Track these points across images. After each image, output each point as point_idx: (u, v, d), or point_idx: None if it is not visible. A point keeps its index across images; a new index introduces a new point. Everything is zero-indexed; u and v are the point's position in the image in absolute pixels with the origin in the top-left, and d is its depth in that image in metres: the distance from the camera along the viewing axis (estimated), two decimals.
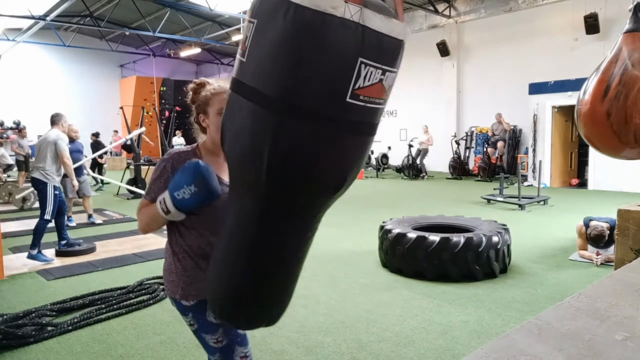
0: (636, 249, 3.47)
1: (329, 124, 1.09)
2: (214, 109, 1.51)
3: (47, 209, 4.74)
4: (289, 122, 1.07)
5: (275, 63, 1.06)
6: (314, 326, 3.11)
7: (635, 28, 4.25)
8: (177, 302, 1.56)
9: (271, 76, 1.07)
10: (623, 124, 4.08)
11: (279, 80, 1.06)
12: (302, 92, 1.05)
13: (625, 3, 3.81)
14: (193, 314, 1.53)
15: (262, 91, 1.08)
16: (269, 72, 1.07)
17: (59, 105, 18.59)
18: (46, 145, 4.83)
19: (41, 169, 4.75)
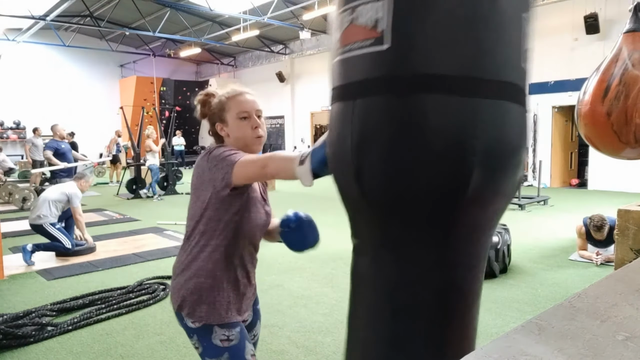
0: (636, 249, 3.47)
1: (517, 94, 0.96)
2: (232, 113, 1.39)
3: (62, 240, 4.75)
4: (484, 102, 0.92)
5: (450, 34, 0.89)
6: (314, 326, 3.11)
7: (635, 28, 4.25)
8: (181, 320, 1.43)
9: (449, 51, 0.89)
10: (623, 124, 4.08)
11: (460, 55, 0.89)
12: (487, 63, 0.91)
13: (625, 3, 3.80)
14: (198, 336, 1.40)
15: (443, 74, 0.89)
16: (446, 47, 0.89)
17: (59, 105, 18.63)
18: (56, 194, 4.81)
19: (38, 218, 4.69)
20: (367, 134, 0.97)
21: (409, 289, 1.04)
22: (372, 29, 0.92)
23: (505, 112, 0.96)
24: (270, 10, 12.91)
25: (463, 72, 0.91)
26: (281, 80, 18.12)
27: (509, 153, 0.98)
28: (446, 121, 0.91)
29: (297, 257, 4.84)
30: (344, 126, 1.02)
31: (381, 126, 0.95)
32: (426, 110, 0.91)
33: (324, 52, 16.76)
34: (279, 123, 19.10)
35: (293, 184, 1.49)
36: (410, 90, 0.91)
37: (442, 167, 0.92)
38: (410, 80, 0.91)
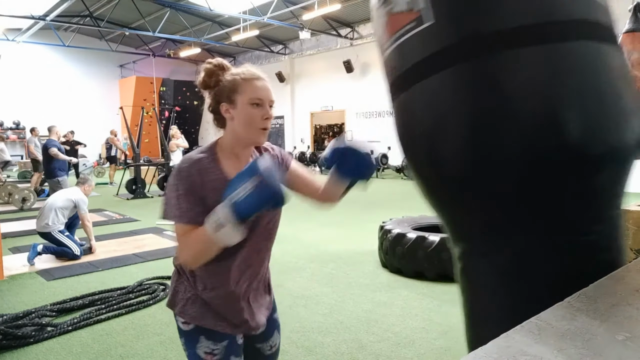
0: (636, 249, 3.47)
1: (600, 31, 0.85)
2: (245, 97, 1.24)
3: (71, 247, 4.79)
4: (561, 46, 0.81)
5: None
6: (314, 326, 3.11)
7: (634, 28, 4.26)
8: (175, 317, 1.37)
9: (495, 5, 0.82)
10: None
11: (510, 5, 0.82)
12: (549, 4, 0.82)
13: (625, 3, 3.82)
14: (185, 340, 1.35)
15: (498, 30, 0.81)
16: None
17: (58, 105, 18.62)
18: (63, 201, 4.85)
19: (46, 227, 4.74)
20: (441, 114, 0.89)
21: (529, 282, 0.93)
22: (409, 12, 0.88)
23: (590, 52, 0.86)
24: (270, 10, 12.91)
25: (522, 21, 0.83)
26: (281, 80, 18.12)
27: (607, 96, 0.86)
28: (523, 76, 0.83)
29: (297, 257, 4.84)
30: (412, 115, 0.95)
31: (455, 102, 0.88)
32: (501, 69, 0.84)
33: (324, 52, 16.76)
34: (278, 123, 19.09)
35: None
36: (478, 52, 0.85)
37: (531, 127, 0.83)
38: (473, 43, 0.84)
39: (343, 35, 15.54)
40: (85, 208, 4.92)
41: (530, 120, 0.84)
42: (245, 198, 1.06)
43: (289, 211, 1.62)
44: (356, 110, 15.79)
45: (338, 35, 15.43)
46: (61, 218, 4.80)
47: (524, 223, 0.91)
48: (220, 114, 1.29)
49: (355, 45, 15.60)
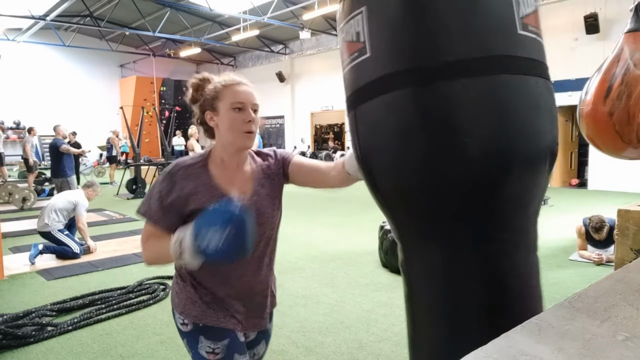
0: (636, 249, 3.47)
1: (509, 64, 0.91)
2: (226, 102, 1.26)
3: (71, 246, 4.82)
4: (467, 81, 0.90)
5: (409, 29, 0.92)
6: (314, 326, 3.11)
7: (636, 28, 4.25)
8: (175, 318, 1.38)
9: (421, 44, 0.92)
10: (625, 124, 4.08)
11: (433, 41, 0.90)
12: (467, 43, 0.90)
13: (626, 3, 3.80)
14: (187, 341, 1.35)
15: (421, 66, 0.91)
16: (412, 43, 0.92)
17: (59, 105, 18.63)
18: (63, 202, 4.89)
19: (46, 226, 4.76)
20: (371, 141, 1.03)
21: (461, 280, 1.03)
22: (356, 42, 1.00)
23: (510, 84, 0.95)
24: (270, 10, 12.91)
25: (445, 58, 0.92)
26: (281, 80, 18.13)
27: (523, 119, 0.96)
28: (431, 109, 0.94)
29: (297, 257, 4.84)
30: (352, 135, 1.10)
31: (381, 128, 1.00)
32: (417, 102, 0.95)
33: (324, 52, 16.76)
34: (278, 123, 19.09)
35: (291, 184, 1.44)
36: (394, 86, 0.96)
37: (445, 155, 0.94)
38: (392, 78, 0.96)
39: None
40: (82, 211, 4.94)
41: (437, 148, 0.95)
42: (212, 245, 1.07)
43: (289, 211, 1.62)
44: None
45: None
46: (60, 218, 4.82)
47: (451, 232, 1.03)
48: (207, 124, 1.31)
49: None
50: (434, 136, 0.94)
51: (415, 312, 1.14)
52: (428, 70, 0.91)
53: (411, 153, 0.96)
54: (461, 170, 0.94)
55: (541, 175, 1.01)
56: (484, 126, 0.92)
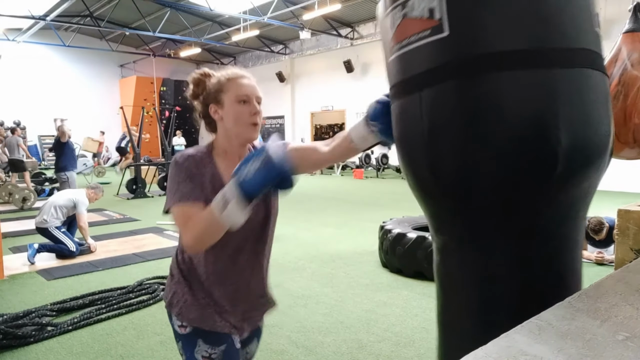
0: (636, 249, 3.47)
1: (595, 60, 0.90)
2: (231, 95, 1.26)
3: (67, 244, 4.82)
4: (559, 72, 0.88)
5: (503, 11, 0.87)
6: (314, 326, 3.11)
7: (635, 28, 4.25)
8: (170, 319, 1.36)
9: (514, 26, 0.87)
10: (622, 124, 4.08)
11: (526, 28, 0.86)
12: (555, 32, 0.87)
13: (625, 3, 3.81)
14: (183, 344, 1.33)
15: (512, 49, 0.87)
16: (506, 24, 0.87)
17: (59, 105, 18.62)
18: (64, 200, 4.89)
19: (44, 222, 4.77)
20: (439, 124, 0.94)
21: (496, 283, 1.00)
22: (429, 19, 0.91)
23: (585, 79, 0.93)
24: (270, 10, 12.91)
25: (532, 45, 0.88)
26: (281, 80, 18.12)
27: (594, 121, 0.94)
28: (523, 97, 0.88)
29: (297, 257, 4.84)
30: (412, 120, 1.00)
31: (454, 113, 0.93)
32: (500, 88, 0.89)
33: (324, 52, 16.76)
34: (278, 123, 19.09)
35: None
36: (480, 70, 0.89)
37: (525, 146, 0.89)
38: (479, 61, 0.89)
39: (343, 35, 15.54)
40: (83, 209, 4.94)
41: (518, 138, 0.90)
42: (253, 175, 1.05)
43: (289, 211, 1.62)
44: (356, 110, 15.79)
45: (338, 35, 15.44)
46: (59, 215, 4.82)
47: (502, 229, 0.98)
48: (210, 117, 1.31)
49: (355, 45, 15.60)
50: (514, 125, 0.89)
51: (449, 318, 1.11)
52: (521, 55, 0.86)
53: (489, 141, 0.90)
54: (539, 164, 0.89)
55: (601, 172, 0.98)
56: (573, 119, 0.90)
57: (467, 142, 0.92)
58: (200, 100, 1.33)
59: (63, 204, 4.86)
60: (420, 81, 0.96)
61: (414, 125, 1.00)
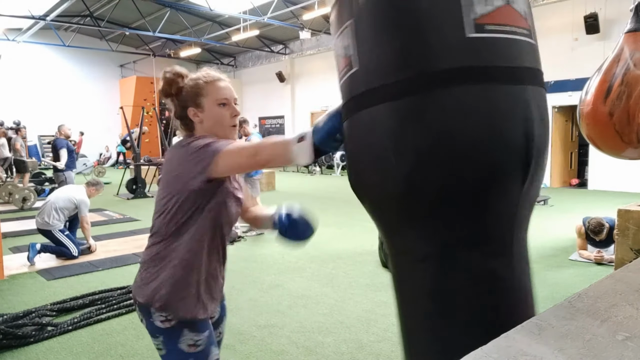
0: (636, 249, 3.47)
1: (461, 76, 0.88)
2: (212, 99, 1.31)
3: (69, 247, 4.81)
4: (426, 97, 0.90)
5: (383, 43, 0.92)
6: (314, 326, 3.11)
7: (636, 28, 4.25)
8: (148, 317, 1.37)
9: (386, 60, 0.92)
10: (625, 124, 4.08)
11: (393, 59, 0.91)
12: (423, 52, 0.89)
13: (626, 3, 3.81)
14: (164, 338, 1.34)
15: (387, 83, 0.92)
16: (382, 58, 0.92)
17: (58, 105, 18.62)
18: (64, 201, 4.87)
19: (46, 224, 4.76)
20: (361, 149, 1.03)
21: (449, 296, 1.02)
22: (345, 57, 1.00)
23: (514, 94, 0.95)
24: (270, 10, 12.91)
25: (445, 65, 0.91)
26: (281, 80, 18.12)
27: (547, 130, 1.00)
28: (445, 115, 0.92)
29: (297, 257, 4.84)
30: (350, 139, 1.09)
31: (378, 134, 0.99)
32: (417, 107, 0.93)
33: (324, 52, 16.76)
34: (279, 123, 19.09)
35: (292, 185, 1.46)
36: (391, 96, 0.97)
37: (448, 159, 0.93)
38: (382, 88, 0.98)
39: None
40: (86, 211, 4.93)
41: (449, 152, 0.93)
42: (323, 124, 1.16)
43: None
44: None
45: None
46: (61, 217, 4.81)
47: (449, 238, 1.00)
48: (187, 118, 1.35)
49: None
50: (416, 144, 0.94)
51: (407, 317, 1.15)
52: (400, 85, 0.91)
53: (399, 160, 0.96)
54: (449, 178, 0.93)
55: (510, 184, 0.96)
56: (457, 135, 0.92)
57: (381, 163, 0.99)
58: (176, 101, 1.37)
59: (64, 205, 4.83)
60: (352, 106, 1.05)
61: (350, 144, 1.10)
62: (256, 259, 4.85)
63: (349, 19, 0.98)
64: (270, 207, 1.56)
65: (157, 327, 1.33)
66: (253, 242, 5.59)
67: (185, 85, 1.34)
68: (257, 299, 3.61)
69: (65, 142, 7.35)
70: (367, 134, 1.00)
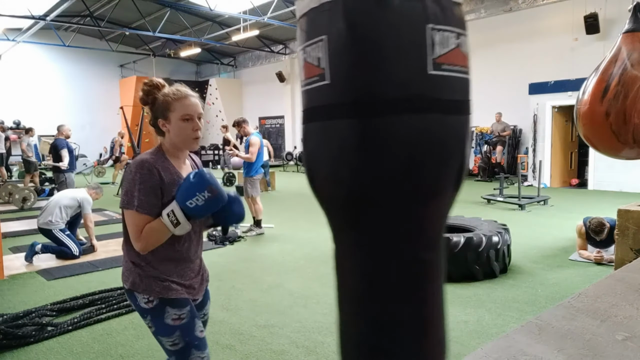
0: (636, 249, 3.47)
1: (421, 105, 0.99)
2: (177, 114, 1.52)
3: (70, 247, 4.82)
4: (374, 121, 0.99)
5: (344, 63, 1.00)
6: (314, 326, 3.11)
7: (634, 28, 4.25)
8: (134, 300, 1.57)
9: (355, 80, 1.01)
10: (622, 124, 4.08)
11: (352, 79, 1.00)
12: (378, 80, 0.98)
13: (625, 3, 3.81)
14: (151, 317, 1.56)
15: (340, 101, 1.02)
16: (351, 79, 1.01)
17: (59, 105, 18.63)
18: (68, 199, 4.90)
19: (49, 223, 4.77)
20: (316, 154, 1.12)
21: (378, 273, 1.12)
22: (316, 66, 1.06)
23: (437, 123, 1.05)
24: (270, 10, 12.91)
25: (396, 94, 0.99)
26: (281, 80, 18.11)
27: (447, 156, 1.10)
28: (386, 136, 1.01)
29: (297, 257, 4.83)
30: (306, 144, 1.18)
31: (325, 146, 1.08)
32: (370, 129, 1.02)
33: None
34: (279, 123, 19.08)
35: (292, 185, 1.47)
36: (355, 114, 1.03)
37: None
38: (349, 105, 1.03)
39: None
40: (89, 208, 4.96)
41: None
42: (202, 205, 1.43)
43: (289, 212, 1.64)
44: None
45: None
46: (64, 216, 4.82)
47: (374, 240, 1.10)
48: (158, 127, 1.57)
49: None
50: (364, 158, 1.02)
51: None
52: (364, 105, 0.99)
53: (344, 169, 1.06)
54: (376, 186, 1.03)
55: (446, 197, 1.10)
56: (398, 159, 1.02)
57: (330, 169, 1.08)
58: (149, 110, 1.58)
59: (68, 204, 4.86)
60: (306, 117, 1.13)
61: (306, 148, 1.17)
62: (256, 259, 4.84)
63: (323, 35, 1.05)
64: None
65: (143, 307, 1.56)
66: (253, 242, 5.59)
67: (158, 98, 1.54)
68: (257, 299, 3.61)
69: (65, 142, 7.35)
70: (322, 143, 1.09)
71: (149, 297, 1.53)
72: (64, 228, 4.84)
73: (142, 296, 1.54)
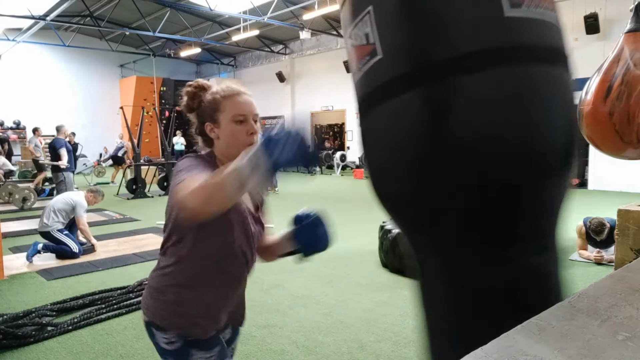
0: (636, 249, 3.47)
1: (498, 57, 0.81)
2: (228, 115, 1.23)
3: (69, 245, 4.83)
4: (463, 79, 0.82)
5: (394, 24, 0.87)
6: (314, 326, 3.11)
7: (636, 28, 4.25)
8: (152, 336, 1.28)
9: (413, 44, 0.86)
10: (625, 124, 4.08)
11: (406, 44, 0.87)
12: (439, 37, 0.84)
13: (626, 3, 3.81)
14: (175, 359, 1.26)
15: (399, 74, 0.87)
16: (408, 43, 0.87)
17: (59, 105, 18.63)
18: (62, 203, 4.92)
19: (45, 226, 4.79)
20: (398, 134, 0.95)
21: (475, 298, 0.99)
22: (366, 45, 0.94)
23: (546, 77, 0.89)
24: (270, 10, 12.90)
25: (468, 48, 0.86)
26: (281, 80, 18.12)
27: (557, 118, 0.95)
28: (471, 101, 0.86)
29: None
30: (374, 134, 1.02)
31: (407, 125, 0.93)
32: (446, 94, 0.88)
33: (324, 52, 16.75)
34: (279, 123, 19.07)
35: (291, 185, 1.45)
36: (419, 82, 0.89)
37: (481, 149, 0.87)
38: (410, 75, 0.90)
39: (343, 35, 15.53)
40: (81, 212, 4.94)
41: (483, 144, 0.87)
42: (285, 148, 0.95)
43: (289, 211, 1.63)
44: (356, 110, 15.78)
45: (338, 35, 15.42)
46: (60, 218, 4.84)
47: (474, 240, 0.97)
48: (206, 134, 1.27)
49: None
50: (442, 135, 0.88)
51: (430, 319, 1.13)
52: (429, 69, 0.86)
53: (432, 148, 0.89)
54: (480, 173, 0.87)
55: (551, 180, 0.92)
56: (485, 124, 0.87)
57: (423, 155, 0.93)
58: (196, 115, 1.29)
59: (62, 207, 4.89)
60: (374, 98, 0.98)
61: (375, 139, 1.02)
62: None
63: (368, 5, 0.92)
64: None
65: (164, 349, 1.26)
66: None
67: (204, 99, 1.27)
68: (257, 299, 3.61)
69: (63, 142, 7.36)
70: (392, 128, 0.93)
71: (171, 337, 1.23)
72: (62, 229, 4.85)
73: (160, 334, 1.25)
